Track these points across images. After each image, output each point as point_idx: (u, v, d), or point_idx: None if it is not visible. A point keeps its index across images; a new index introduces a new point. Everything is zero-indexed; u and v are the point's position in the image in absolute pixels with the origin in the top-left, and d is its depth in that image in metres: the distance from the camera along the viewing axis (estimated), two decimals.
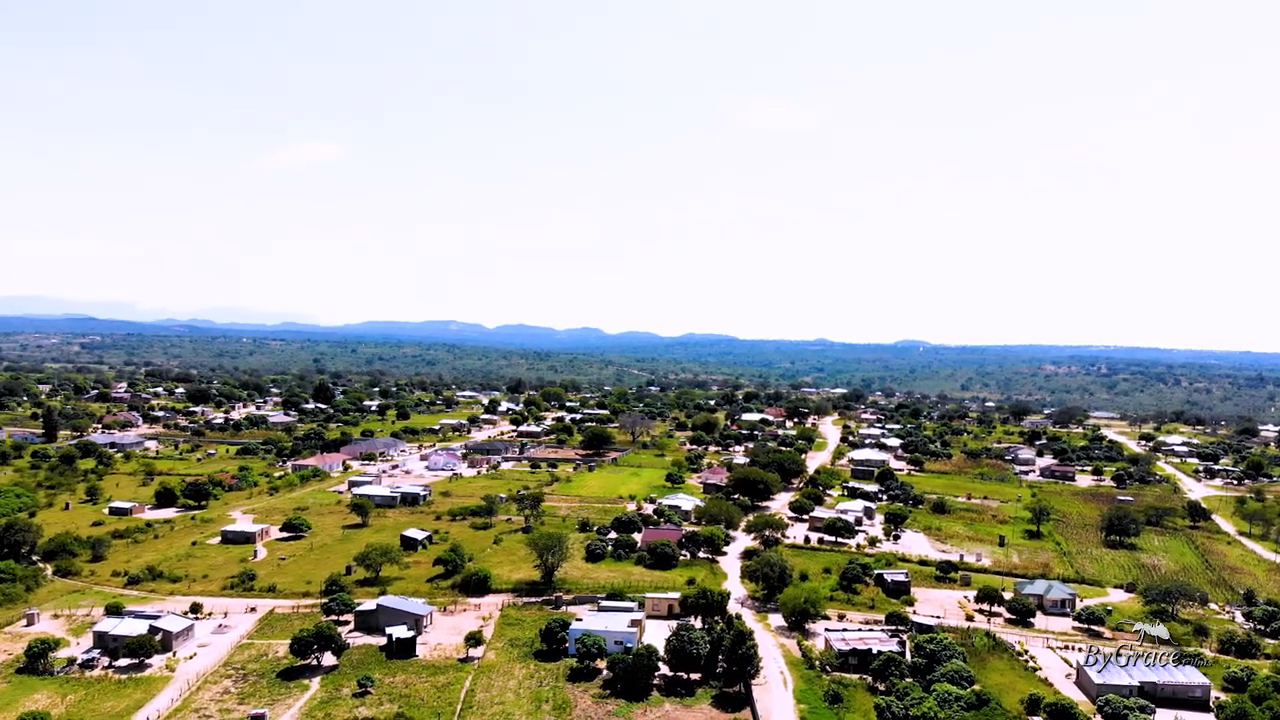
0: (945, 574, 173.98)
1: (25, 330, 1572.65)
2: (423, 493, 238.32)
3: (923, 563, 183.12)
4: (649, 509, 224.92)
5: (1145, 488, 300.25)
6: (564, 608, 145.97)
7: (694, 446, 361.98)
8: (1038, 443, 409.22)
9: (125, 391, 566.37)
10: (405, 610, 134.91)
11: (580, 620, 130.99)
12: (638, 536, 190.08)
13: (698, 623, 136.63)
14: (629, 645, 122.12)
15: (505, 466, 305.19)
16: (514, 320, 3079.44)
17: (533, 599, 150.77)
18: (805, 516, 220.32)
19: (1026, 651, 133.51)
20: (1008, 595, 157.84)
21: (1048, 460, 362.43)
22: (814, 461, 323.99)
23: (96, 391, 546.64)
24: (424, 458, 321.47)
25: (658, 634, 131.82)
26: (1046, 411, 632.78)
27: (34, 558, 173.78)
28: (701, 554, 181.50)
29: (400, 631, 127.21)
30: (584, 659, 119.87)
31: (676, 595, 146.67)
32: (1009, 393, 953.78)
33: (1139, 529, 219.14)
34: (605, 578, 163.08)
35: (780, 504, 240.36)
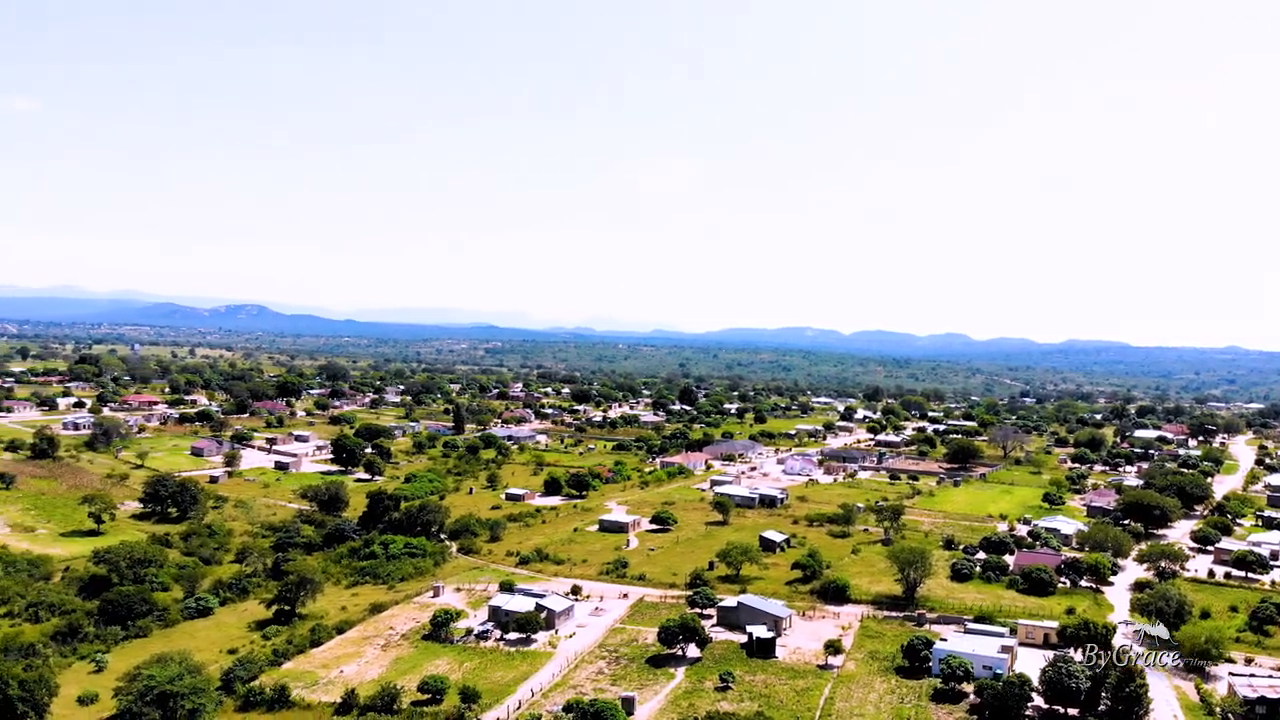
0: None
1: (440, 337, 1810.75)
2: (780, 496, 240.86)
3: None
4: (1022, 530, 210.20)
5: None
6: (927, 625, 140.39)
7: (1075, 465, 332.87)
8: None
9: (520, 391, 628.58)
10: (765, 610, 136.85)
11: (945, 640, 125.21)
12: (1009, 559, 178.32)
13: (1077, 655, 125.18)
14: (998, 671, 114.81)
15: (862, 475, 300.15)
16: (871, 326, 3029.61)
17: (893, 613, 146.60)
18: (1209, 548, 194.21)
19: None
20: None
21: None
22: (1221, 486, 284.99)
23: (497, 390, 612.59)
24: (780, 461, 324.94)
25: (1030, 663, 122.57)
26: None
27: (442, 536, 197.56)
28: (1083, 582, 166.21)
29: (761, 631, 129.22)
30: (949, 680, 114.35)
31: (1054, 624, 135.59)
32: None
33: None
34: (972, 599, 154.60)
35: (1179, 533, 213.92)
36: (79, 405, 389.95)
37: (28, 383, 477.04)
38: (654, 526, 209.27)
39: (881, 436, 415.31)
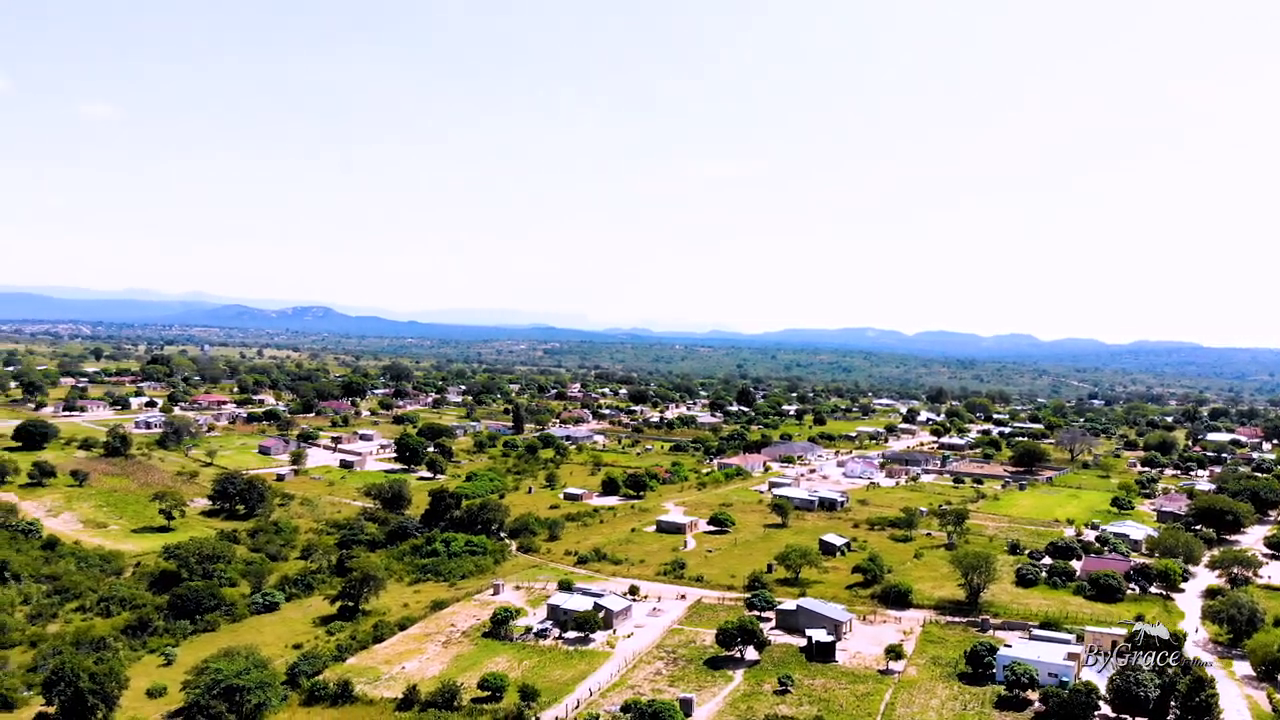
0: None
1: (500, 338, 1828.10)
2: (840, 499, 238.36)
3: None
4: (1089, 535, 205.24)
5: None
6: (991, 631, 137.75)
7: (1145, 469, 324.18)
8: None
9: (578, 391, 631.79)
10: (825, 614, 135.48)
11: (1009, 646, 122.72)
12: (1076, 564, 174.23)
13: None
14: (1064, 679, 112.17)
15: (925, 479, 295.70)
16: (934, 327, 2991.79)
17: (956, 619, 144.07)
18: None
19: None
20: None
21: None
22: None
23: (555, 391, 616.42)
24: (840, 464, 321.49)
25: (1097, 671, 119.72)
26: None
27: (502, 534, 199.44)
28: (1153, 589, 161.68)
29: (820, 635, 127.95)
30: (1013, 687, 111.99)
31: (1122, 631, 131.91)
32: None
33: None
34: (1038, 605, 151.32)
35: (1252, 538, 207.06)
36: (150, 405, 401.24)
37: (101, 383, 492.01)
38: (711, 528, 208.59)
39: (945, 439, 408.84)
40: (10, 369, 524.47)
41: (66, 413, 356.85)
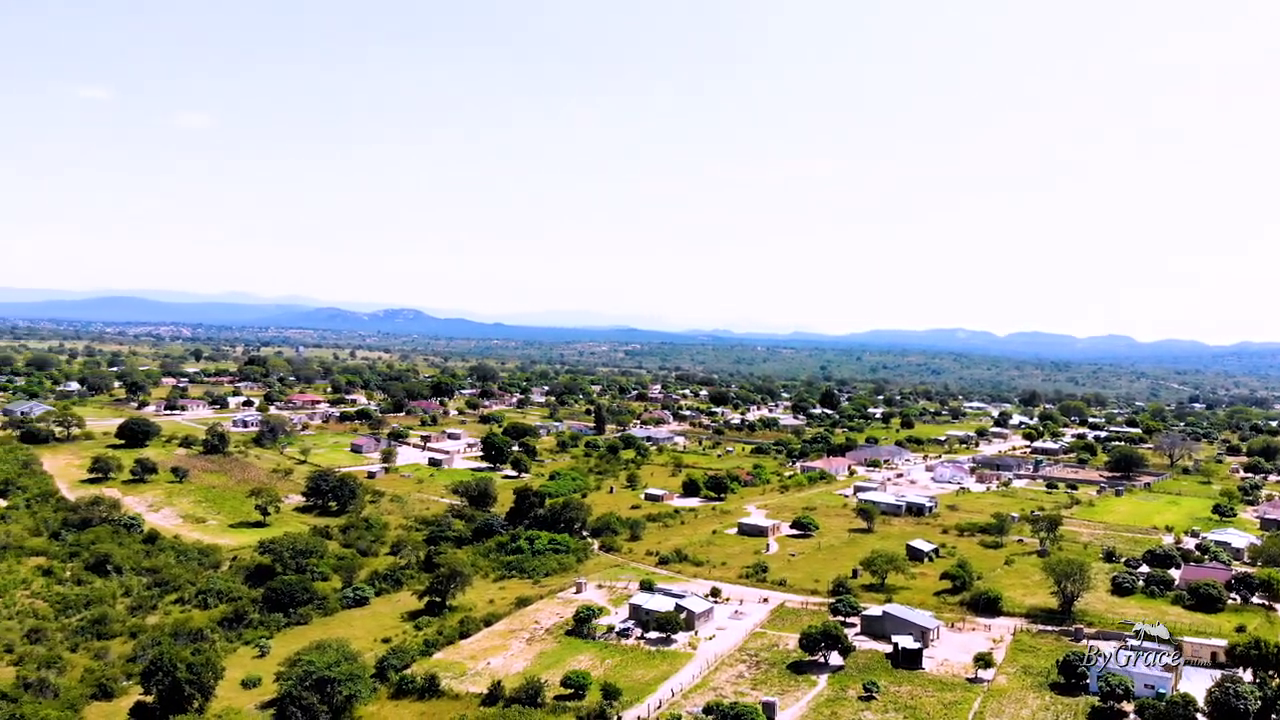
0: None
1: (581, 339, 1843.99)
2: (928, 504, 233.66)
3: None
4: (1189, 543, 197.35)
5: None
6: (1084, 641, 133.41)
7: (1249, 474, 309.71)
8: None
9: (659, 392, 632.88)
10: (912, 621, 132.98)
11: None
12: (1174, 573, 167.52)
13: (1247, 676, 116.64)
14: (1161, 690, 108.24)
15: (1017, 484, 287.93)
16: (1027, 328, 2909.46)
17: (1048, 627, 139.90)
18: None
19: None
20: None
21: None
22: None
23: (636, 392, 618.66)
24: (929, 468, 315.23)
25: (1195, 683, 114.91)
26: None
27: (584, 533, 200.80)
28: (1256, 599, 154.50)
29: (906, 641, 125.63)
30: (1107, 698, 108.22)
31: (1223, 643, 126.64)
32: None
33: None
34: (1133, 614, 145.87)
35: None
36: (247, 404, 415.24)
37: (201, 383, 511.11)
38: (794, 531, 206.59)
39: (1038, 443, 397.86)
40: (115, 369, 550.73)
41: (168, 412, 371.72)
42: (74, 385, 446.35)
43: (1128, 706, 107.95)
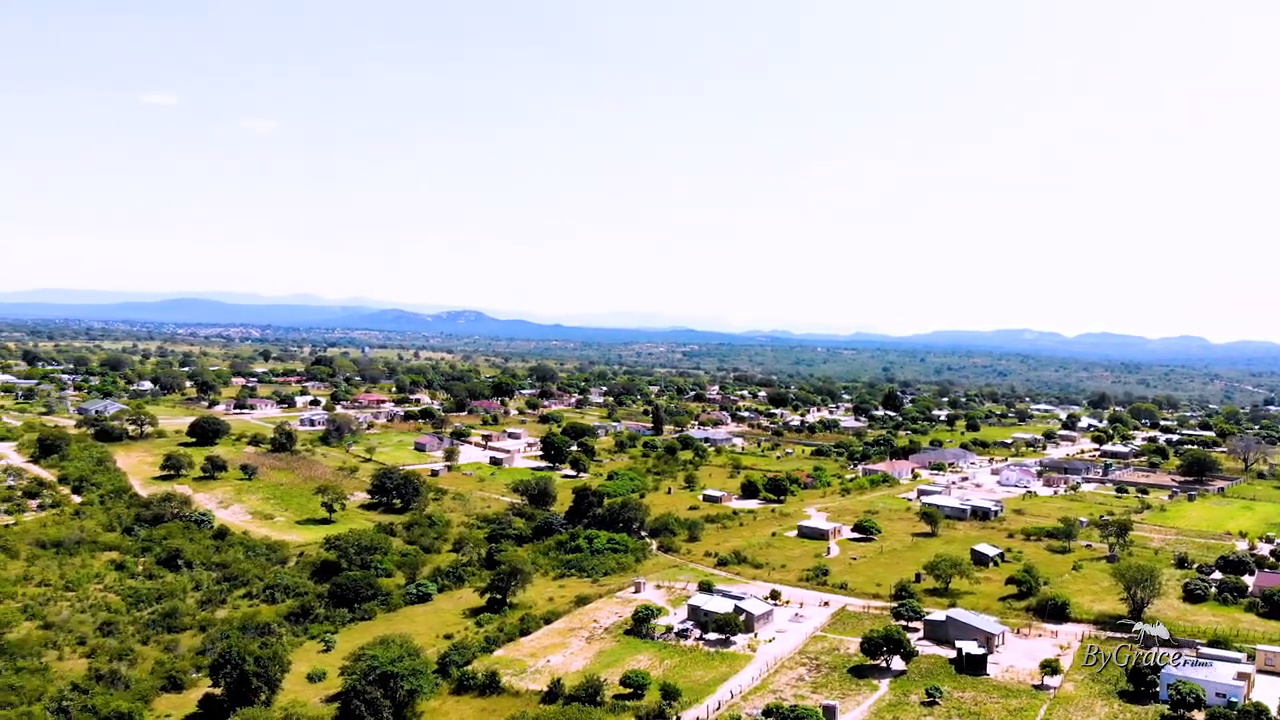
0: None
1: (639, 340, 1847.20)
2: (993, 508, 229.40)
3: None
4: (1264, 549, 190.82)
5: None
6: (1155, 648, 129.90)
7: None
8: None
9: (717, 393, 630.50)
10: (976, 626, 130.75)
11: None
12: (1249, 580, 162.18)
13: None
14: (1233, 699, 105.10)
15: (1085, 488, 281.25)
16: (1096, 328, 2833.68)
17: (1117, 634, 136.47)
18: None
19: None
20: None
21: None
22: None
23: (694, 393, 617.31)
24: (994, 472, 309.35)
25: (1270, 692, 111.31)
26: None
27: (642, 533, 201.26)
28: None
29: (971, 647, 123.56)
30: (1177, 707, 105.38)
31: None
32: None
33: None
34: (1206, 622, 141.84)
35: None
36: (314, 403, 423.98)
37: (269, 382, 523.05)
38: (855, 535, 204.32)
39: (1107, 447, 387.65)
40: (186, 369, 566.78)
41: (237, 411, 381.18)
42: (147, 385, 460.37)
43: (1199, 716, 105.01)
